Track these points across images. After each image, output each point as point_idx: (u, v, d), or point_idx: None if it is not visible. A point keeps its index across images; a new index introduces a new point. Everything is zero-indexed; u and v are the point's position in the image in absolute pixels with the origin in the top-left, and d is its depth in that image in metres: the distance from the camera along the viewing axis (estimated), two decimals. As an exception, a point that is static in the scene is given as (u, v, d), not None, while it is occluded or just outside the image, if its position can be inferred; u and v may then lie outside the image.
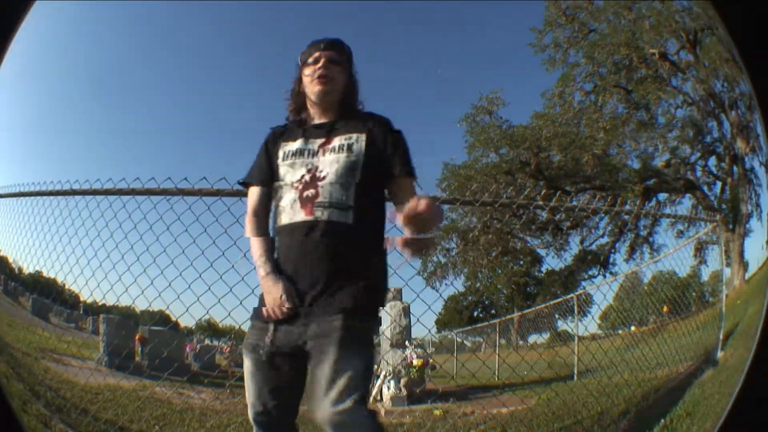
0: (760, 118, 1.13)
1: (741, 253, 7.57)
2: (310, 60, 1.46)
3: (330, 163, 1.36)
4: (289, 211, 1.35)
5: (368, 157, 1.37)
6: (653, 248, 9.38)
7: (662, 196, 9.33)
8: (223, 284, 2.57)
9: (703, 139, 9.05)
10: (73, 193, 3.10)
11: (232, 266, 2.53)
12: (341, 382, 1.16)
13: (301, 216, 1.33)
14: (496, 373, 5.81)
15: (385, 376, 5.19)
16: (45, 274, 3.93)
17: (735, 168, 8.55)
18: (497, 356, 6.63)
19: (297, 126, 1.50)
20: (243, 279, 2.41)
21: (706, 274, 6.31)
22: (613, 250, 9.67)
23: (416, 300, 2.86)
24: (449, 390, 5.26)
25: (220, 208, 2.66)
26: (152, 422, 2.96)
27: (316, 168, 1.37)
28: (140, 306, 3.51)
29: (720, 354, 3.89)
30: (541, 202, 3.45)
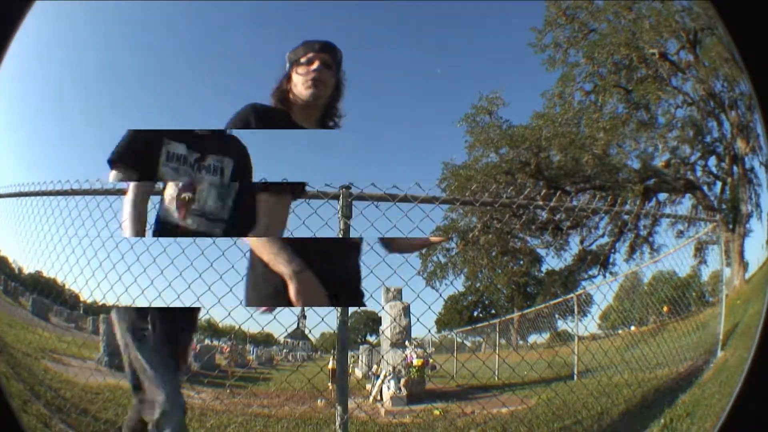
0: (760, 118, 1.13)
1: (741, 253, 7.57)
2: (303, 60, 1.46)
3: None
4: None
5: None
6: (653, 248, 9.36)
7: (662, 196, 9.32)
8: (223, 284, 2.57)
9: (703, 139, 9.04)
10: (73, 193, 3.10)
11: (232, 266, 2.54)
12: None
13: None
14: (496, 373, 5.80)
15: (385, 376, 5.19)
16: (45, 274, 3.92)
17: (735, 168, 8.55)
18: (497, 356, 6.63)
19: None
20: (243, 279, 2.42)
21: (706, 274, 6.30)
22: (613, 250, 9.65)
23: (416, 300, 2.87)
24: (449, 390, 5.25)
25: (219, 208, 2.67)
26: (152, 422, 2.95)
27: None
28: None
29: (720, 354, 3.89)
30: (541, 202, 3.45)
